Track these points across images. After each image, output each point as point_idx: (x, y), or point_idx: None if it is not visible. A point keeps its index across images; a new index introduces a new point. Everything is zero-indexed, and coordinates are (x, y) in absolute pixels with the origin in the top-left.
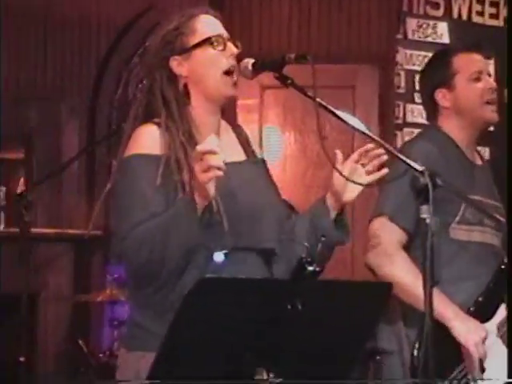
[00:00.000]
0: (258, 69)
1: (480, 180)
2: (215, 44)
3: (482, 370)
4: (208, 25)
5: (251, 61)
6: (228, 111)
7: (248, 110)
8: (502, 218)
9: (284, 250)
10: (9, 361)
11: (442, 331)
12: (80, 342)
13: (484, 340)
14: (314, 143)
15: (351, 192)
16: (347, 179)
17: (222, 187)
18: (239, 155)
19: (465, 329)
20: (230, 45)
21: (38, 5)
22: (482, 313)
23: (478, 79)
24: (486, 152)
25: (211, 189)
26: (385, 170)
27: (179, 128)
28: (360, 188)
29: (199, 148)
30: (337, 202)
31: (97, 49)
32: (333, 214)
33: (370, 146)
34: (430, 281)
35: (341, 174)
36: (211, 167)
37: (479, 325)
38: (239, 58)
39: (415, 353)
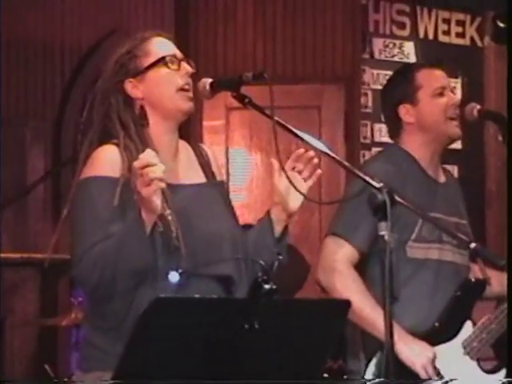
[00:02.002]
0: (215, 88)
1: (442, 197)
2: (169, 63)
3: None
4: (161, 46)
5: (209, 80)
6: (193, 132)
7: (214, 131)
8: (462, 236)
9: (241, 269)
10: None
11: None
12: (46, 366)
13: (432, 361)
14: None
15: (295, 200)
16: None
17: (180, 212)
18: (199, 177)
19: (410, 351)
20: (184, 64)
21: (0, 27)
22: (443, 332)
23: (441, 94)
24: (454, 170)
25: (157, 202)
26: (319, 171)
27: (138, 148)
28: (304, 193)
29: (136, 164)
30: (282, 212)
31: (61, 72)
32: (278, 229)
33: (301, 150)
34: (389, 298)
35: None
36: (152, 180)
37: (425, 346)
38: (201, 78)
39: (366, 375)
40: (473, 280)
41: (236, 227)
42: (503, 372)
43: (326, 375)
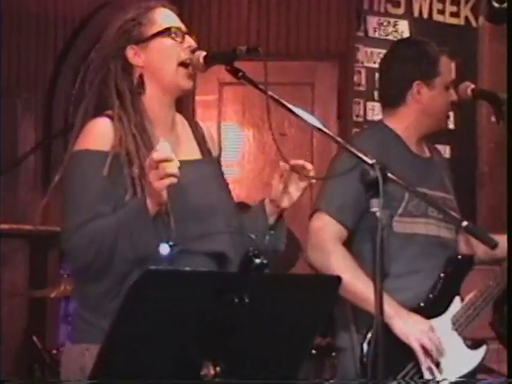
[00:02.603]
0: (209, 62)
1: (427, 172)
2: (174, 35)
3: (437, 364)
4: (166, 16)
5: (203, 53)
6: (186, 107)
7: (206, 106)
8: (453, 213)
9: (235, 245)
10: None
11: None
12: (34, 338)
13: (428, 334)
14: (272, 140)
15: (289, 198)
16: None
17: (172, 186)
18: (194, 153)
19: (404, 325)
20: (188, 38)
21: None
22: (433, 307)
23: (448, 88)
24: (446, 150)
25: (164, 196)
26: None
27: (131, 120)
28: (298, 194)
29: (155, 156)
30: (275, 208)
31: (54, 44)
32: (271, 220)
33: (300, 162)
34: (380, 275)
35: None
36: (167, 175)
37: (420, 320)
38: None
39: (365, 349)
40: (459, 257)
41: (230, 203)
42: (484, 348)
43: (314, 352)
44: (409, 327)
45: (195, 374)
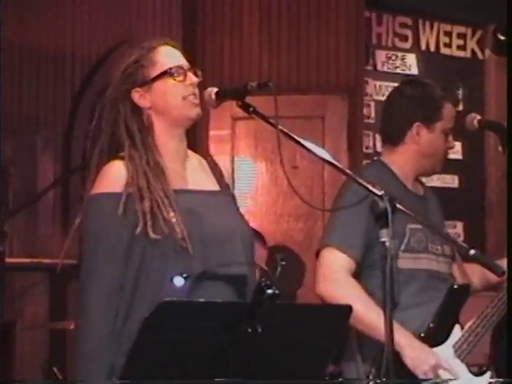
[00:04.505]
0: (221, 97)
1: (423, 209)
2: (175, 75)
3: None
4: (168, 56)
5: (214, 89)
6: (200, 142)
7: (220, 140)
8: (461, 243)
9: (255, 270)
10: None
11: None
12: (55, 369)
13: (435, 368)
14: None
15: None
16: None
17: (190, 214)
18: (213, 184)
19: (414, 357)
20: (190, 74)
21: (12, 37)
22: (434, 337)
23: (447, 135)
24: (454, 180)
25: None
26: None
27: (142, 157)
28: None
29: None
30: None
31: (71, 81)
32: None
33: None
34: (390, 304)
35: None
36: None
37: (430, 353)
38: (207, 88)
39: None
40: (456, 287)
41: (249, 231)
42: (488, 375)
43: (327, 379)
44: (418, 360)
45: None
